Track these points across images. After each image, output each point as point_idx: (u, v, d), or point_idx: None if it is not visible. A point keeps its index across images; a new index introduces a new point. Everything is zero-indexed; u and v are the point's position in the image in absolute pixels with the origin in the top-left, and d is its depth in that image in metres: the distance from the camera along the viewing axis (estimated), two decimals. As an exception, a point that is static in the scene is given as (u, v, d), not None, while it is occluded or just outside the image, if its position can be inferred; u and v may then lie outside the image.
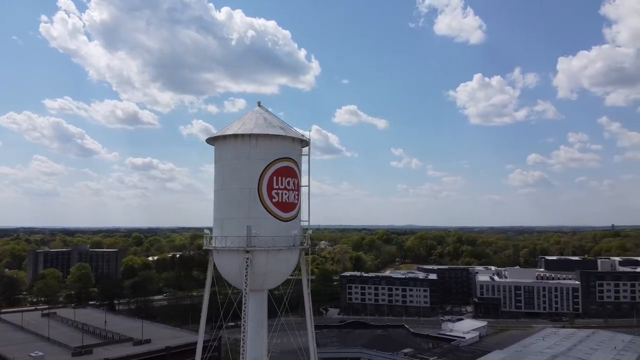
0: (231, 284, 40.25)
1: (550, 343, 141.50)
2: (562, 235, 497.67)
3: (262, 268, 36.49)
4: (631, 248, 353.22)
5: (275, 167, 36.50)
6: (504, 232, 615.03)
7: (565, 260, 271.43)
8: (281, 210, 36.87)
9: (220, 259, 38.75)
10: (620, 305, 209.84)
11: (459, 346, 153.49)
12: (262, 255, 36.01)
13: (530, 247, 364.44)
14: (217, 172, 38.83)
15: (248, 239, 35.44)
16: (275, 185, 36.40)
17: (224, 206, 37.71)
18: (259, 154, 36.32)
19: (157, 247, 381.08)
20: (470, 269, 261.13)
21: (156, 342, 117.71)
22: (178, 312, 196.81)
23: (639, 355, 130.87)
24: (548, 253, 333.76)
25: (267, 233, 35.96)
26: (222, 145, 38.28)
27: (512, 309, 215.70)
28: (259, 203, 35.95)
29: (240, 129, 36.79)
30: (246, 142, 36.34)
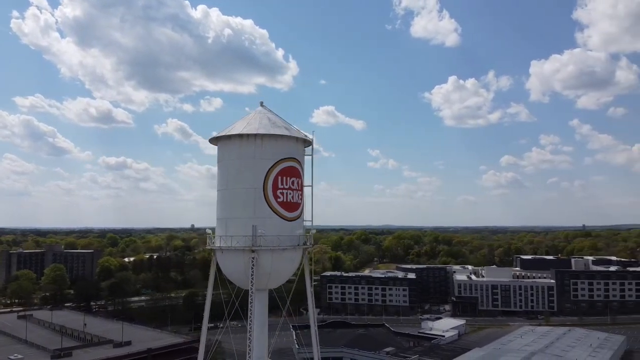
0: (235, 284, 39.91)
1: (528, 341, 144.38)
2: (535, 235, 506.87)
3: (267, 267, 36.50)
4: (603, 248, 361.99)
5: (280, 167, 36.56)
6: (478, 232, 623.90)
7: (540, 259, 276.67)
8: (286, 210, 36.92)
9: (224, 258, 38.57)
10: (594, 304, 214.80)
11: (439, 344, 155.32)
12: (267, 255, 36.02)
13: (505, 246, 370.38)
14: (221, 171, 38.66)
15: (253, 238, 35.41)
16: (280, 185, 36.45)
17: (229, 206, 37.59)
18: (264, 153, 36.33)
19: (132, 248, 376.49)
20: (447, 268, 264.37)
21: (137, 344, 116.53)
22: (157, 313, 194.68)
23: (615, 352, 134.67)
24: (522, 252, 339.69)
25: (272, 233, 35.97)
26: (226, 145, 38.13)
27: (490, 308, 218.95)
28: (264, 203, 35.94)
29: (245, 129, 36.74)
30: (251, 142, 36.32)
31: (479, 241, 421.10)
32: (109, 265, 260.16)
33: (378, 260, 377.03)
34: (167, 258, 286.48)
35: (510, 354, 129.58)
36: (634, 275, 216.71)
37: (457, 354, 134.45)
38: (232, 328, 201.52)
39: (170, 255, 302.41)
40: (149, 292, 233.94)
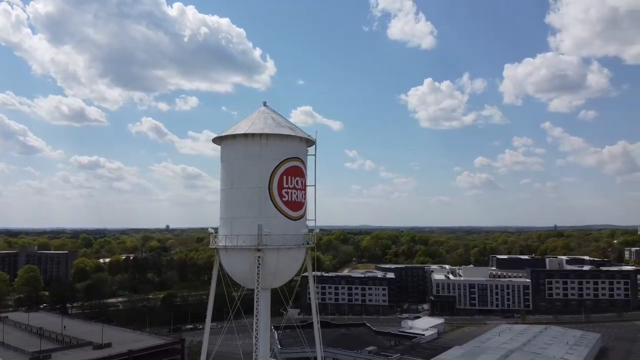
0: (239, 283, 39.86)
1: (506, 339, 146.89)
2: (509, 235, 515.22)
3: (273, 266, 36.60)
4: (575, 247, 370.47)
5: (286, 167, 36.73)
6: (453, 232, 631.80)
7: (516, 259, 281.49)
8: (291, 209, 37.08)
9: (229, 257, 38.50)
10: (569, 302, 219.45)
11: (419, 343, 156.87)
12: (273, 254, 36.12)
13: (480, 246, 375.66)
14: (225, 171, 38.61)
15: (259, 237, 35.44)
16: (285, 184, 36.61)
17: (233, 205, 37.57)
18: (270, 153, 36.45)
19: (107, 248, 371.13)
20: (425, 267, 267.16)
21: (117, 345, 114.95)
22: (134, 315, 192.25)
23: (591, 349, 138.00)
24: (497, 252, 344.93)
25: (277, 232, 36.11)
26: (230, 145, 38.09)
27: (467, 307, 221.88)
28: (269, 202, 36.05)
29: (250, 129, 36.76)
30: (257, 141, 36.39)
31: (454, 241, 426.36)
32: (84, 266, 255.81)
33: (357, 260, 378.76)
34: (144, 259, 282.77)
35: (490, 351, 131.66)
36: (607, 275, 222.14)
37: (437, 352, 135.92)
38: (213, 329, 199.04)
39: (146, 256, 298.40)
40: (126, 293, 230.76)
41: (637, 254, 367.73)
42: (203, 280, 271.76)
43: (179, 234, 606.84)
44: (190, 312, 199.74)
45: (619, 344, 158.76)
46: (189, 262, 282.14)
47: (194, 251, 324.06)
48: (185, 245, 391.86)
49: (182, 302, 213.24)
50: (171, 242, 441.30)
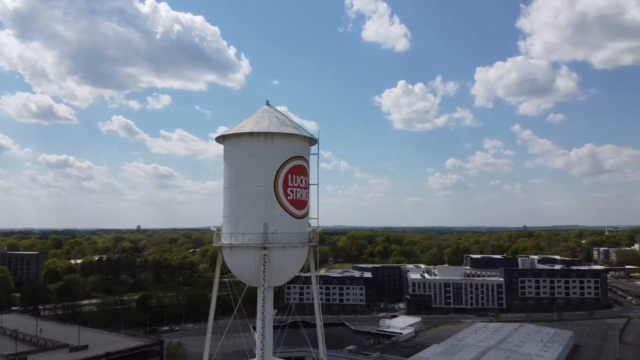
0: (242, 281, 39.76)
1: (482, 336, 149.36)
2: (481, 235, 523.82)
3: (278, 265, 36.68)
4: (545, 247, 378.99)
5: (290, 165, 36.86)
6: (425, 232, 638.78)
7: (489, 258, 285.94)
8: (296, 208, 37.22)
9: (233, 256, 38.38)
10: (541, 301, 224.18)
11: (398, 342, 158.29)
12: (278, 252, 36.19)
13: (453, 246, 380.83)
14: (229, 169, 38.49)
15: (265, 235, 35.46)
16: (290, 183, 36.71)
17: (238, 203, 37.49)
18: (275, 152, 36.52)
19: (78, 249, 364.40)
20: (402, 267, 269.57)
21: (94, 348, 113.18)
22: (109, 317, 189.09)
23: (564, 347, 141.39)
24: (470, 252, 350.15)
25: (283, 230, 36.17)
26: (235, 143, 38.00)
27: (442, 305, 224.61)
28: (275, 200, 36.11)
29: (256, 127, 36.75)
30: (262, 140, 36.42)
31: (428, 241, 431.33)
32: (55, 267, 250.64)
33: (333, 260, 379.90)
34: (117, 260, 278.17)
35: (467, 349, 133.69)
36: (578, 274, 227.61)
37: (416, 351, 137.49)
38: (190, 331, 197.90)
39: (119, 257, 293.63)
40: (100, 294, 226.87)
41: (605, 254, 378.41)
42: (178, 281, 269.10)
43: (151, 234, 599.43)
44: (167, 313, 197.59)
45: (591, 341, 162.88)
46: (163, 263, 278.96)
47: (168, 252, 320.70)
48: (158, 246, 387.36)
49: (157, 304, 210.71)
50: (144, 242, 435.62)
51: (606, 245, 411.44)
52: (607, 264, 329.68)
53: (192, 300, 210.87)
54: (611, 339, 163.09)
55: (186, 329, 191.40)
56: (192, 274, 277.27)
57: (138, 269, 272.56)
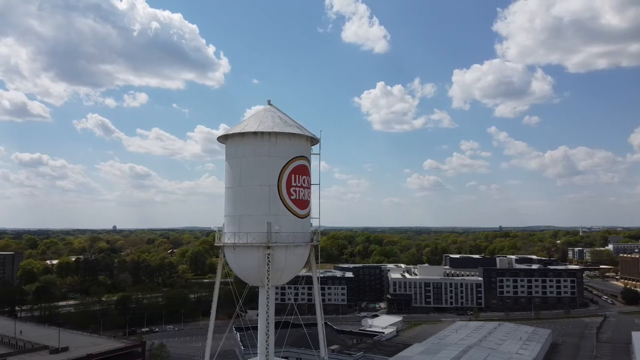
0: (244, 281, 39.69)
1: (463, 335, 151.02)
2: (458, 235, 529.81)
3: (281, 264, 36.76)
4: (521, 247, 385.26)
5: (294, 165, 37.00)
6: (404, 232, 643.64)
7: (468, 258, 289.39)
8: (298, 207, 37.36)
9: (236, 255, 38.30)
10: (519, 300, 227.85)
11: (380, 341, 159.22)
12: (282, 251, 36.27)
13: (432, 246, 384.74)
14: (232, 169, 38.40)
15: (269, 235, 35.48)
16: (293, 182, 36.78)
17: (241, 203, 37.44)
18: (279, 151, 36.58)
19: (53, 250, 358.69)
20: (382, 267, 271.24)
21: (74, 349, 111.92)
22: (87, 318, 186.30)
23: (543, 345, 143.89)
24: (448, 252, 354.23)
25: (286, 229, 36.23)
26: (238, 143, 37.91)
27: (423, 304, 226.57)
28: (278, 200, 36.18)
29: (260, 127, 36.72)
30: (266, 139, 36.44)
31: (407, 241, 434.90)
32: (31, 268, 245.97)
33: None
34: (95, 261, 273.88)
35: (449, 347, 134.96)
36: (555, 273, 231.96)
37: (399, 350, 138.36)
38: (170, 332, 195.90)
39: (97, 257, 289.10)
40: (77, 296, 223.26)
41: (580, 254, 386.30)
42: (157, 282, 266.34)
43: (127, 234, 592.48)
44: (146, 314, 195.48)
45: (568, 339, 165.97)
46: (142, 264, 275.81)
47: (146, 253, 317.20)
48: (136, 247, 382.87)
49: (136, 305, 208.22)
50: (121, 243, 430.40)
51: (580, 246, 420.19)
52: (582, 264, 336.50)
53: (172, 301, 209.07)
54: (588, 337, 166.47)
55: (166, 330, 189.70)
56: (171, 275, 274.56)
57: (116, 269, 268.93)
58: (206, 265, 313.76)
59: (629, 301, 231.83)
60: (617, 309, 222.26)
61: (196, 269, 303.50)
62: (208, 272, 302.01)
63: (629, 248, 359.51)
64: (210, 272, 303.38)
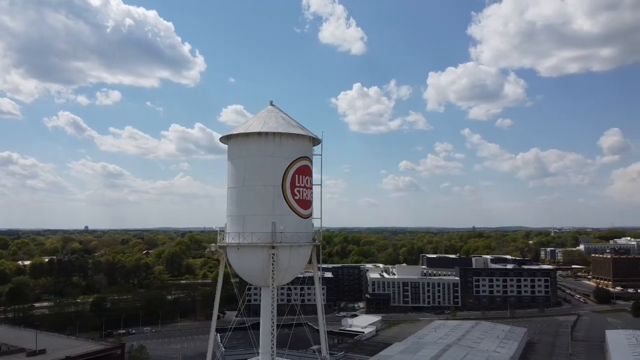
0: (247, 281, 39.70)
1: (442, 334, 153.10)
2: (433, 235, 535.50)
3: (285, 263, 36.96)
4: (495, 247, 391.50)
5: (297, 166, 37.24)
6: (380, 232, 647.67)
7: (445, 258, 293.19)
8: (302, 208, 37.60)
9: (240, 255, 38.30)
10: (494, 299, 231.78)
11: (361, 340, 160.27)
12: (286, 251, 36.46)
13: (408, 246, 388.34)
14: (236, 169, 38.40)
15: (273, 235, 35.64)
16: (297, 183, 37.02)
17: (245, 203, 37.49)
18: (283, 152, 36.78)
19: (25, 250, 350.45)
20: (361, 267, 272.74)
21: (52, 352, 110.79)
22: (63, 320, 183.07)
23: (520, 343, 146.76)
24: (424, 251, 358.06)
25: (290, 229, 36.43)
26: (241, 143, 37.96)
27: (401, 304, 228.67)
28: (283, 200, 36.36)
29: (264, 127, 36.87)
30: (270, 140, 36.59)
31: (383, 241, 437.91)
32: (3, 269, 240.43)
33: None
34: (69, 261, 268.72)
35: (429, 346, 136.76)
36: (529, 273, 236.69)
37: (380, 349, 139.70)
38: (147, 334, 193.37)
39: (70, 258, 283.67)
40: (52, 297, 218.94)
41: (552, 254, 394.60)
42: (132, 283, 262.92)
43: (100, 235, 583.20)
44: (123, 316, 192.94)
45: (544, 337, 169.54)
46: (117, 265, 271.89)
47: (121, 254, 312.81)
48: (110, 248, 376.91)
49: (112, 307, 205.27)
50: (94, 243, 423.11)
51: (552, 246, 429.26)
52: (554, 264, 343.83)
53: (149, 302, 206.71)
54: (562, 336, 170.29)
55: (143, 332, 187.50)
56: (147, 276, 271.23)
57: (90, 270, 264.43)
58: (183, 266, 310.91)
59: (601, 300, 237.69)
60: (590, 307, 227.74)
61: (172, 270, 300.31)
62: (185, 273, 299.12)
63: (600, 248, 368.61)
64: (187, 273, 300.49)
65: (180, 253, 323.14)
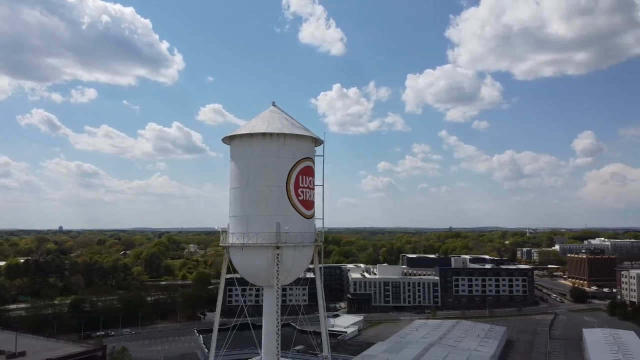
0: (249, 281, 39.78)
1: (423, 333, 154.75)
2: (412, 236, 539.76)
3: (289, 264, 37.17)
4: (473, 247, 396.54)
5: (301, 167, 37.46)
6: (359, 233, 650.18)
7: (424, 258, 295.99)
8: (305, 208, 37.82)
9: (244, 255, 38.38)
10: (473, 298, 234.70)
11: (344, 340, 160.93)
12: (290, 251, 36.69)
13: (387, 246, 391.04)
14: (239, 169, 38.45)
15: (278, 235, 35.80)
16: (300, 183, 37.22)
17: (249, 203, 37.59)
18: (287, 152, 36.98)
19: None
20: (342, 267, 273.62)
21: (32, 354, 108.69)
22: (39, 322, 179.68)
23: (499, 341, 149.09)
24: (404, 251, 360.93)
25: (294, 230, 36.61)
26: (245, 143, 38.03)
27: (382, 304, 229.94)
28: (287, 200, 36.56)
29: (269, 128, 37.00)
30: (274, 140, 36.76)
31: (363, 241, 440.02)
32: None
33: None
34: (46, 262, 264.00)
35: (411, 345, 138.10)
36: (507, 272, 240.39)
37: (363, 348, 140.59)
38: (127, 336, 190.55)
39: (47, 259, 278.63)
40: (28, 298, 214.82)
41: (528, 254, 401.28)
42: (110, 284, 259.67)
43: (75, 235, 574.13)
44: (102, 318, 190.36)
45: (522, 336, 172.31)
46: (94, 265, 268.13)
47: (98, 254, 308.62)
48: (86, 248, 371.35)
49: (91, 308, 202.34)
50: (70, 244, 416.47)
51: (528, 246, 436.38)
52: (531, 264, 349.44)
53: (129, 304, 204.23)
54: (540, 334, 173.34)
55: (123, 334, 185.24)
56: (125, 277, 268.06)
57: (67, 271, 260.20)
58: (162, 267, 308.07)
59: (577, 299, 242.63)
60: (566, 307, 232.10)
61: (151, 271, 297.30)
62: (164, 275, 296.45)
63: (574, 248, 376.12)
64: (166, 274, 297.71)
65: (159, 254, 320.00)
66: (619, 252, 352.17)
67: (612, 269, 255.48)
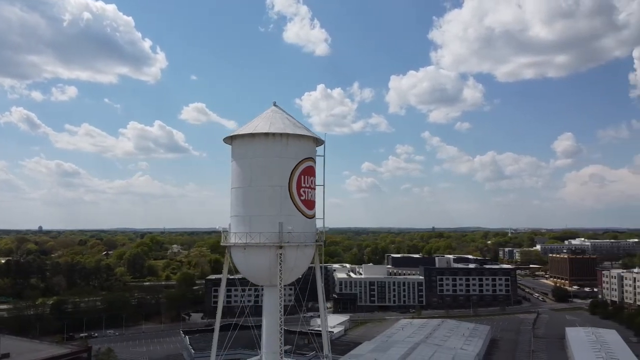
0: (251, 281, 39.86)
1: (409, 332, 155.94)
2: (396, 236, 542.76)
3: (292, 263, 37.36)
4: (456, 247, 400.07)
5: (303, 167, 37.66)
6: (343, 233, 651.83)
7: (409, 257, 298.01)
8: (307, 208, 38.02)
9: (246, 255, 38.44)
10: (457, 298, 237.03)
11: (331, 340, 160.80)
12: (293, 251, 36.87)
13: (372, 246, 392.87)
14: (242, 169, 38.50)
15: (280, 234, 35.97)
16: (303, 183, 37.44)
17: (252, 203, 37.67)
18: (290, 152, 37.14)
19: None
20: (328, 267, 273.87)
21: (16, 356, 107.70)
22: (21, 323, 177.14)
23: (484, 340, 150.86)
24: (388, 251, 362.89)
25: (297, 229, 36.82)
26: (248, 143, 38.11)
27: (367, 303, 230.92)
28: (289, 201, 36.74)
29: (272, 128, 37.15)
30: (277, 140, 36.91)
31: (348, 241, 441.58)
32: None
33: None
34: (27, 263, 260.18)
35: (398, 344, 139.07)
36: (491, 272, 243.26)
37: (350, 348, 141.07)
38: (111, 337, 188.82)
39: (28, 259, 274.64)
40: (9, 299, 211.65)
41: (510, 254, 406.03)
42: (93, 285, 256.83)
43: (55, 235, 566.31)
44: (85, 319, 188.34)
45: (506, 335, 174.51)
46: (77, 266, 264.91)
47: (80, 255, 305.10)
48: (68, 248, 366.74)
49: (73, 309, 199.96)
50: (51, 244, 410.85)
51: (510, 246, 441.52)
52: (513, 264, 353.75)
53: (112, 305, 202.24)
54: (524, 333, 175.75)
55: (107, 335, 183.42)
56: (108, 278, 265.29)
57: (49, 272, 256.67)
58: (145, 267, 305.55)
59: (559, 299, 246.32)
60: (549, 306, 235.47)
61: (134, 271, 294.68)
62: (147, 275, 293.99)
63: (556, 249, 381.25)
64: (150, 274, 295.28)
65: (142, 254, 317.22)
66: (599, 252, 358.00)
67: (593, 269, 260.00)
